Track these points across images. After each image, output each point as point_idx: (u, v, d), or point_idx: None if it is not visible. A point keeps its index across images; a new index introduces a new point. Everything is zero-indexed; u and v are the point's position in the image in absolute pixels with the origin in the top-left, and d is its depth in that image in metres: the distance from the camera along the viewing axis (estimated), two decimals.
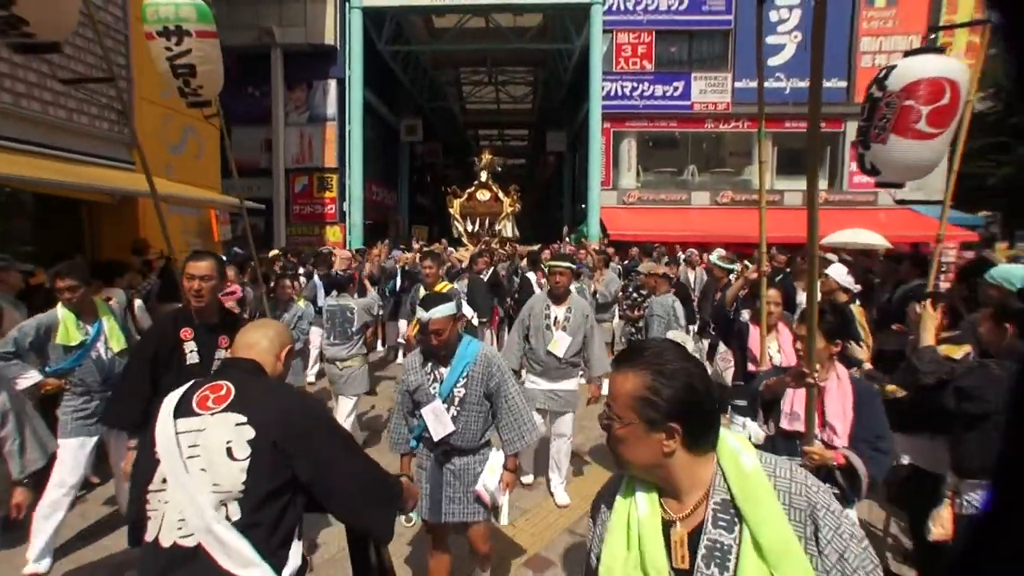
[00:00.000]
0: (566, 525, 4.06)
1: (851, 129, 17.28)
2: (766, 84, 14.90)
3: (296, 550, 1.59)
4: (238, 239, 13.20)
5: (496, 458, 2.85)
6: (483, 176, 12.14)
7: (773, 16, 17.23)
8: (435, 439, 2.74)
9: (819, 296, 6.34)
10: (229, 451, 1.50)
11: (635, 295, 7.16)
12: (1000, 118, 18.56)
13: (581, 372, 4.48)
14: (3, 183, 5.95)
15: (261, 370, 1.74)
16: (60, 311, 3.53)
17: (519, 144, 36.01)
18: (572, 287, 7.52)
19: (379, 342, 8.94)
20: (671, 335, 4.90)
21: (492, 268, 7.92)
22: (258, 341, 1.77)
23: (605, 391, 4.82)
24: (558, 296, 4.21)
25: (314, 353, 7.47)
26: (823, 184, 18.01)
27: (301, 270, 8.40)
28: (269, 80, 15.93)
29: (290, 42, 15.71)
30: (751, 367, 3.51)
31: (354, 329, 5.16)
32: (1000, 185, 18.77)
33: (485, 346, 2.88)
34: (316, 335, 6.79)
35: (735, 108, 17.65)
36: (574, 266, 4.46)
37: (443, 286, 5.34)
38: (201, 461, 1.50)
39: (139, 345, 3.03)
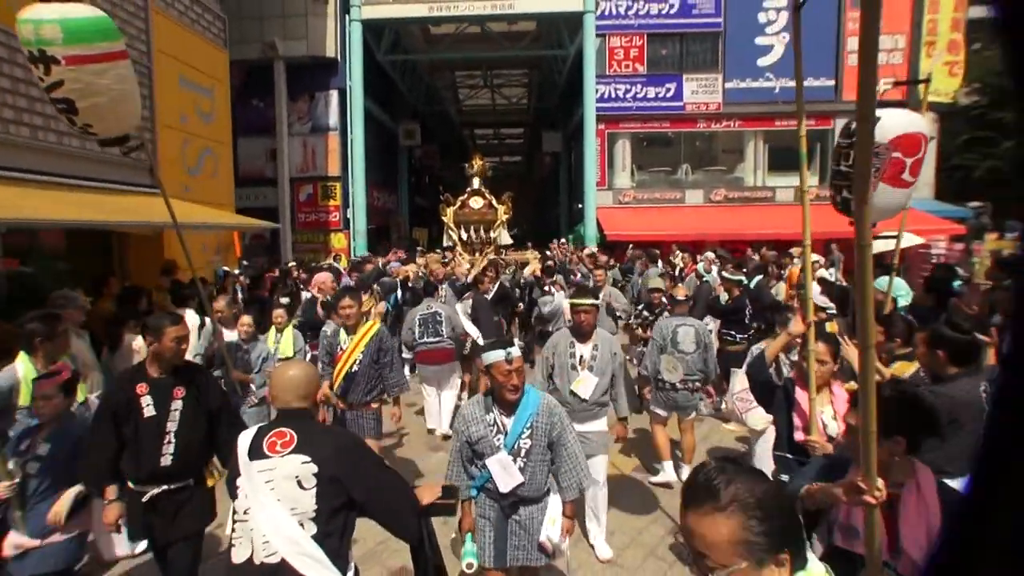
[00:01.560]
0: None
1: (839, 126, 17.79)
2: (755, 84, 15.19)
3: (351, 555, 2.09)
4: (247, 249, 13.70)
5: (555, 506, 2.85)
6: (475, 183, 11.65)
7: (761, 18, 17.74)
8: (503, 491, 2.73)
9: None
10: (299, 483, 1.96)
11: (644, 312, 6.78)
12: (983, 113, 19.11)
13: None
14: (42, 226, 6.38)
15: (311, 414, 2.22)
16: (19, 368, 3.26)
17: (515, 142, 36.41)
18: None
19: None
20: (664, 361, 4.88)
21: (498, 281, 7.85)
22: (295, 394, 2.16)
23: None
24: (583, 333, 3.97)
25: None
26: (814, 180, 18.53)
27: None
28: (273, 92, 16.36)
29: (292, 55, 16.13)
30: (799, 435, 2.90)
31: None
32: (986, 177, 19.32)
33: (545, 395, 2.88)
34: None
35: (726, 108, 18.15)
36: (598, 301, 4.16)
37: (369, 326, 4.58)
38: (277, 493, 1.94)
39: (99, 406, 3.04)
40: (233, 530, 1.99)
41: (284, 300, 7.98)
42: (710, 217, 17.75)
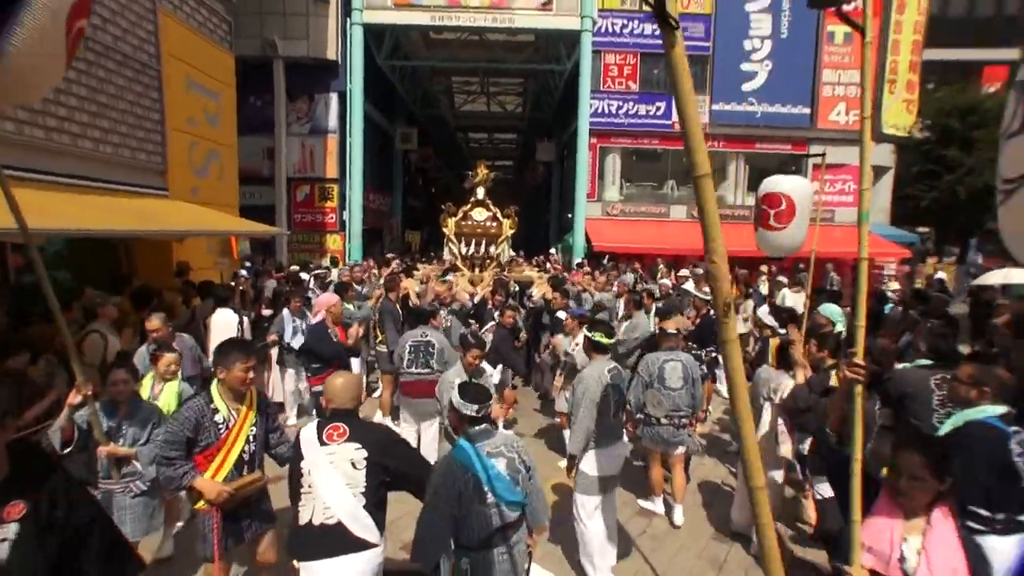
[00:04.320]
0: None
1: (813, 151, 18.67)
2: (739, 107, 15.97)
3: (384, 524, 2.74)
4: (253, 251, 13.95)
5: None
6: (479, 193, 10.96)
7: (747, 45, 18.44)
8: None
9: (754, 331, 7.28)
10: (353, 464, 2.61)
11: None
12: (931, 149, 20.81)
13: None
14: (51, 234, 6.36)
15: (356, 412, 2.88)
16: None
17: (508, 147, 36.86)
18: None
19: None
20: (649, 396, 4.80)
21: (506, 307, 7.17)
22: (345, 398, 2.82)
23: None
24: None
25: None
26: None
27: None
28: (272, 90, 16.57)
29: (293, 55, 16.38)
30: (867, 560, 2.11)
31: None
32: (932, 207, 21.22)
33: (448, 456, 2.71)
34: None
35: (712, 129, 18.75)
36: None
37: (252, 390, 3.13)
38: (338, 471, 2.59)
39: None
40: (299, 499, 2.61)
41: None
42: (693, 232, 18.31)
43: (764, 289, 11.96)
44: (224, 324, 5.99)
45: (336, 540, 2.51)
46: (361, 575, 2.56)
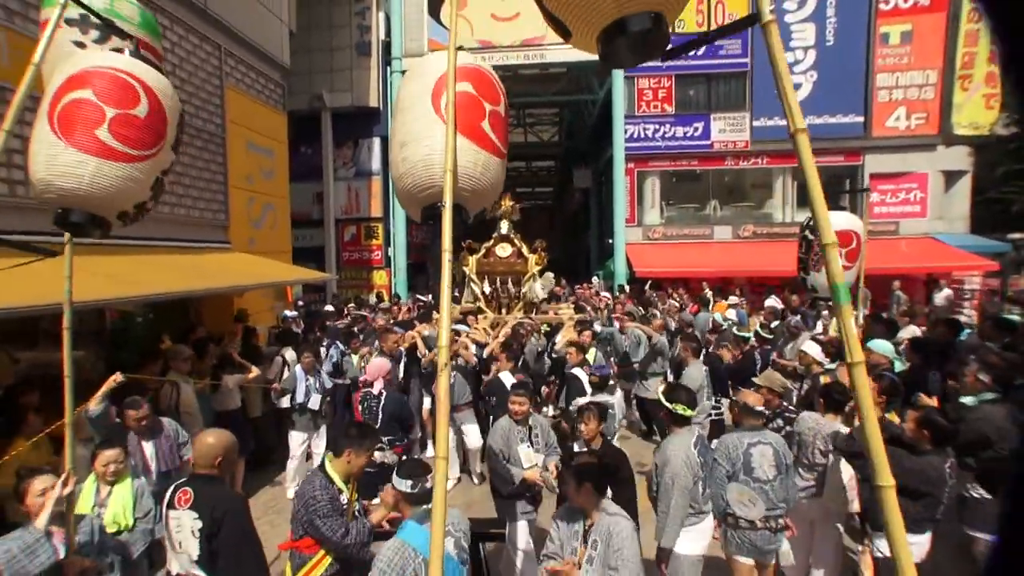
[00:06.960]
0: None
1: (870, 161, 18.16)
2: (783, 121, 15.64)
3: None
4: (305, 291, 14.60)
5: None
6: (503, 227, 10.13)
7: (789, 57, 18.20)
8: None
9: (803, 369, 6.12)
10: (192, 532, 2.73)
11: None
12: (1022, 145, 18.98)
13: None
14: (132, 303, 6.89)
15: (214, 477, 2.90)
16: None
17: (546, 174, 37.27)
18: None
19: None
20: (734, 491, 3.71)
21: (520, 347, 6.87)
22: (204, 461, 2.89)
23: None
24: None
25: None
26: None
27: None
28: (320, 140, 17.55)
29: (338, 105, 17.32)
30: None
31: None
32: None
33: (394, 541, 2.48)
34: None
35: (754, 145, 18.58)
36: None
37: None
38: (181, 535, 2.75)
39: None
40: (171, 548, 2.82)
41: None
42: (739, 253, 18.09)
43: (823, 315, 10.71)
44: (295, 362, 6.87)
45: None
46: None
